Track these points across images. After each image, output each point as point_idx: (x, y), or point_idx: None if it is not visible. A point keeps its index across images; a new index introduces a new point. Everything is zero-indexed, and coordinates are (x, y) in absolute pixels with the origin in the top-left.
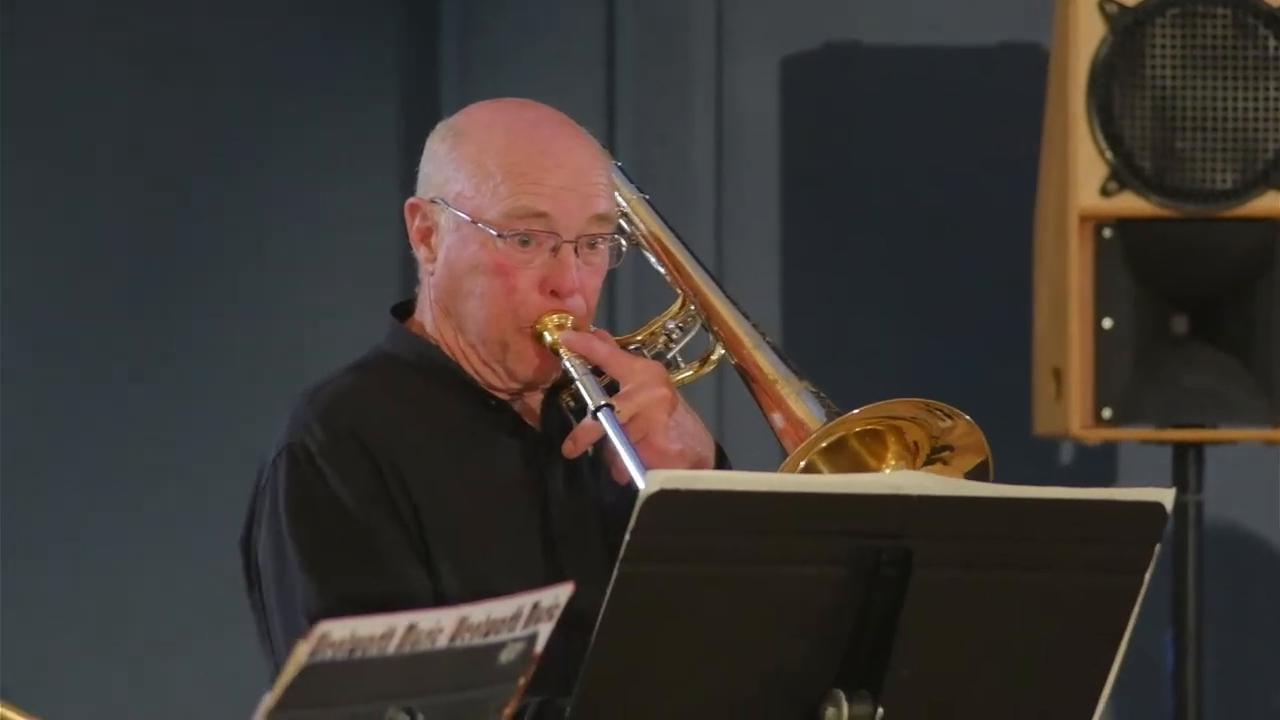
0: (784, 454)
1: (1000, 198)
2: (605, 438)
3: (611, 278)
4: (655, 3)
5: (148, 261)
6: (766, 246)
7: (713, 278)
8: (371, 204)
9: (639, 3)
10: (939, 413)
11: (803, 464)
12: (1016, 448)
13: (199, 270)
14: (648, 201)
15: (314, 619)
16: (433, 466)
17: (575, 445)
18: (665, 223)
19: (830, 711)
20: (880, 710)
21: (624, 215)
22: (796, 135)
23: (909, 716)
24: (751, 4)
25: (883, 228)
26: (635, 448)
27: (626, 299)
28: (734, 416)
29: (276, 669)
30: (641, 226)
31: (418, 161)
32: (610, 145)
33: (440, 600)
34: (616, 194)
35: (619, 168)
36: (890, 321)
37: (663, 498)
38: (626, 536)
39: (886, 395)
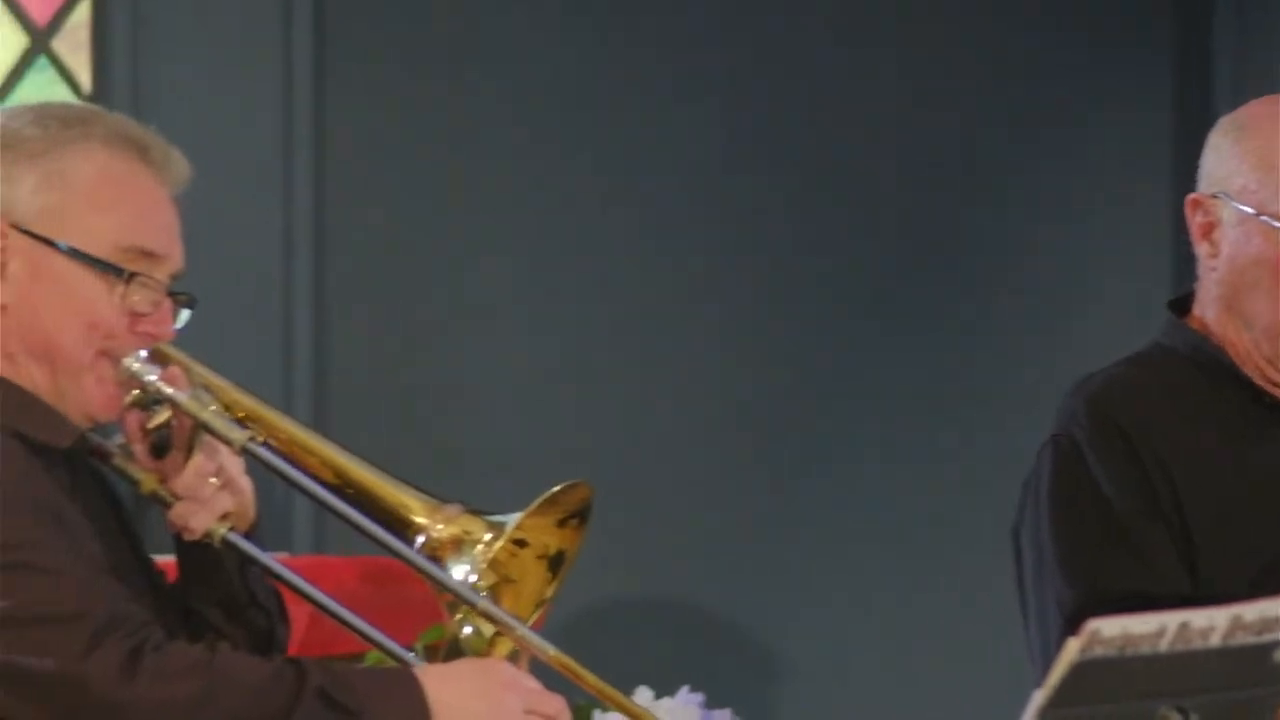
0: None
1: None
2: None
3: None
4: None
5: (919, 258)
6: None
7: None
8: (1144, 200)
9: None
10: None
11: None
12: None
13: (970, 267)
14: None
15: (1069, 613)
16: (1201, 463)
17: None
18: None
19: None
20: None
21: None
22: None
23: None
24: None
25: None
26: None
27: None
28: None
29: (1035, 659)
30: None
31: (1190, 157)
32: None
33: (1201, 598)
34: None
35: None
36: None
37: None
38: None
39: None
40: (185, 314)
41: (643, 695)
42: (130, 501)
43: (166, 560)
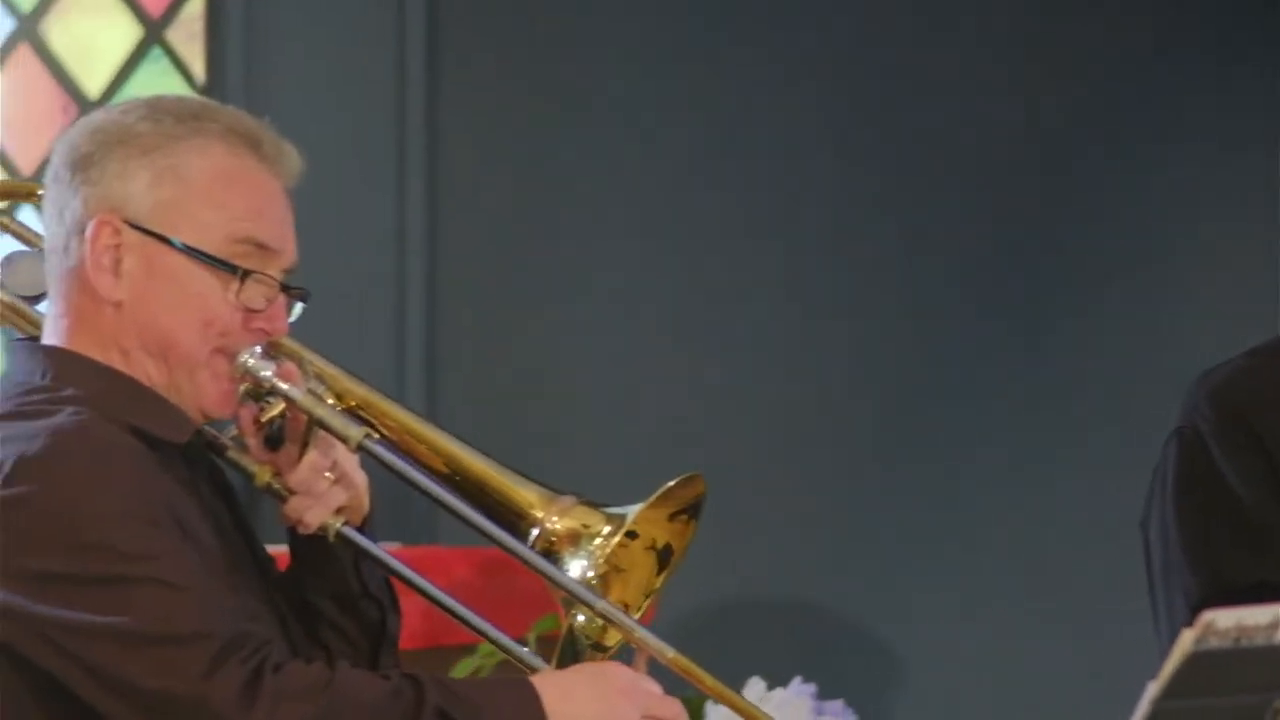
0: None
1: None
2: None
3: None
4: None
5: (1040, 256)
6: None
7: None
8: (1258, 193)
9: None
10: None
11: None
12: None
13: (1092, 264)
14: None
15: (1194, 603)
16: None
17: None
18: None
19: None
20: None
21: None
22: None
23: None
24: None
25: None
26: None
27: None
28: None
29: (1164, 651)
30: None
31: None
32: None
33: None
34: None
35: None
36: None
37: None
38: None
39: None
40: (299, 307)
41: (755, 686)
42: (242, 491)
43: (278, 550)
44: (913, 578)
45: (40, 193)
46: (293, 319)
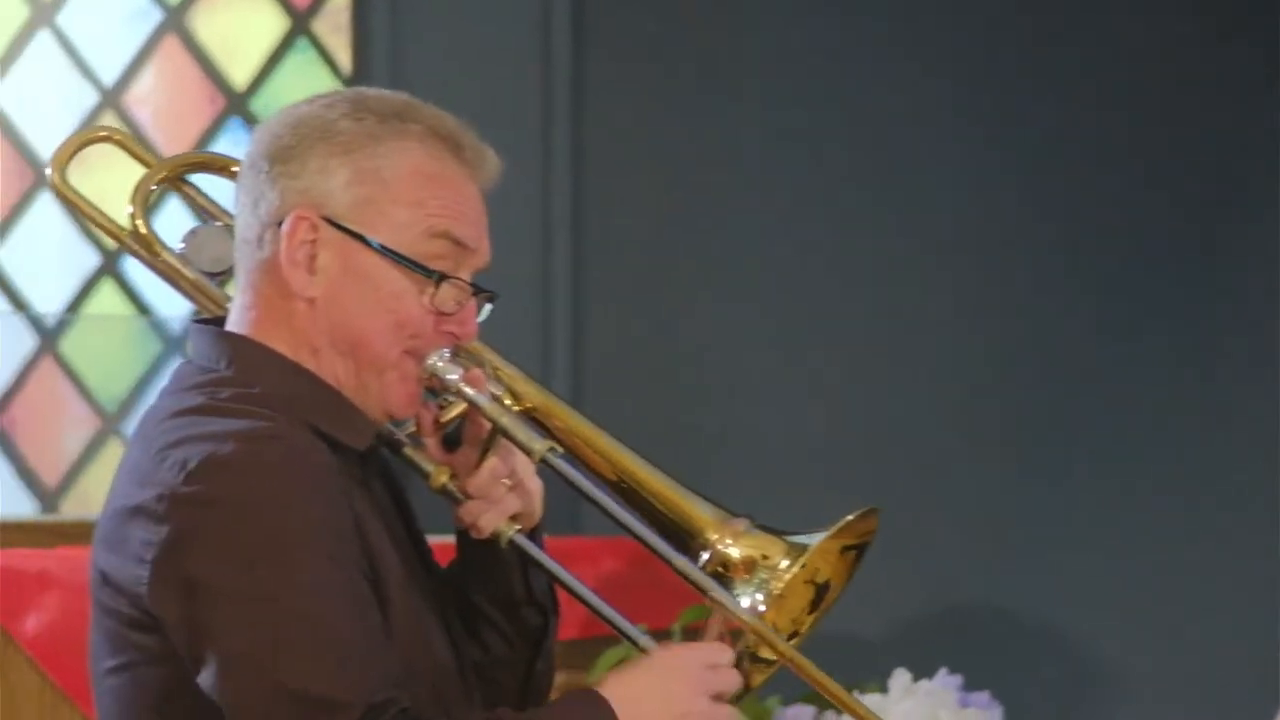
0: None
1: None
2: None
3: None
4: None
5: (1185, 266)
6: None
7: None
8: None
9: None
10: None
11: None
12: None
13: (1235, 271)
14: None
15: None
16: None
17: None
18: None
19: None
20: None
21: None
22: None
23: None
24: None
25: None
26: None
27: None
28: None
29: None
30: None
31: None
32: None
33: None
34: None
35: None
36: None
37: None
38: None
39: None
40: (487, 308)
41: (901, 677)
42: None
43: (436, 541)
44: (1059, 572)
45: (235, 169)
46: (481, 319)
